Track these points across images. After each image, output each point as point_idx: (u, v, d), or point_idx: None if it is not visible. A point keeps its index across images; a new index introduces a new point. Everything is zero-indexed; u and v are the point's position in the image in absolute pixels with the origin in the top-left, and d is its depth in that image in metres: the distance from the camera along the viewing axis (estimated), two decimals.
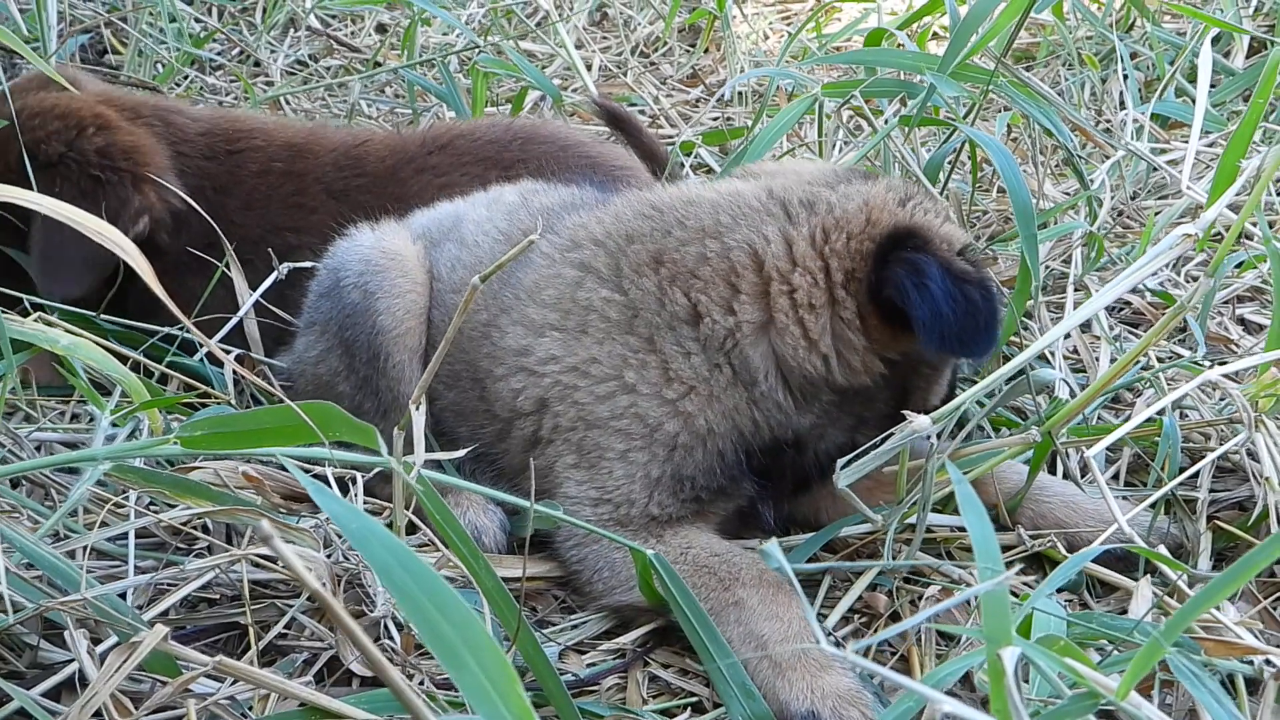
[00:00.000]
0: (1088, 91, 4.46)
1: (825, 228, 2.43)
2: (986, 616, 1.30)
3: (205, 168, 3.39)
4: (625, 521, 2.40)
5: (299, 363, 2.88)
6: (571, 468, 2.46)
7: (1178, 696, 2.03)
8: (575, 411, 2.46)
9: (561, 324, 2.51)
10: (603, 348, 2.46)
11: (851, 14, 5.57)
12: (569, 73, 4.87)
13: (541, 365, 2.51)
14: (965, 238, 2.52)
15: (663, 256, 2.48)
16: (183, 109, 3.55)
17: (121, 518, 2.39)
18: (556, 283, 2.55)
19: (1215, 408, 2.75)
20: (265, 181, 3.42)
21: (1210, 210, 2.23)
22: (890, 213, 2.44)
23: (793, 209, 2.48)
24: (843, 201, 2.47)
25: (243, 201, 3.36)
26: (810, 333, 2.40)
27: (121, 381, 2.23)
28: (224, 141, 3.45)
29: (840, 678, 2.09)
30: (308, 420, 1.75)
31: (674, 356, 2.42)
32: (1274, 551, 1.41)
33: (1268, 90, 2.41)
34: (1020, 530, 2.50)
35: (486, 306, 2.65)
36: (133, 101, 3.47)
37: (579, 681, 2.23)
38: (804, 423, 2.46)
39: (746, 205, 2.51)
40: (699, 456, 2.42)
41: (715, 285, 2.43)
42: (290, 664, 2.23)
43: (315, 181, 3.43)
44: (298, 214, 3.37)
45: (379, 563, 1.24)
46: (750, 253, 2.44)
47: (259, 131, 3.52)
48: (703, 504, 2.45)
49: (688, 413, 2.41)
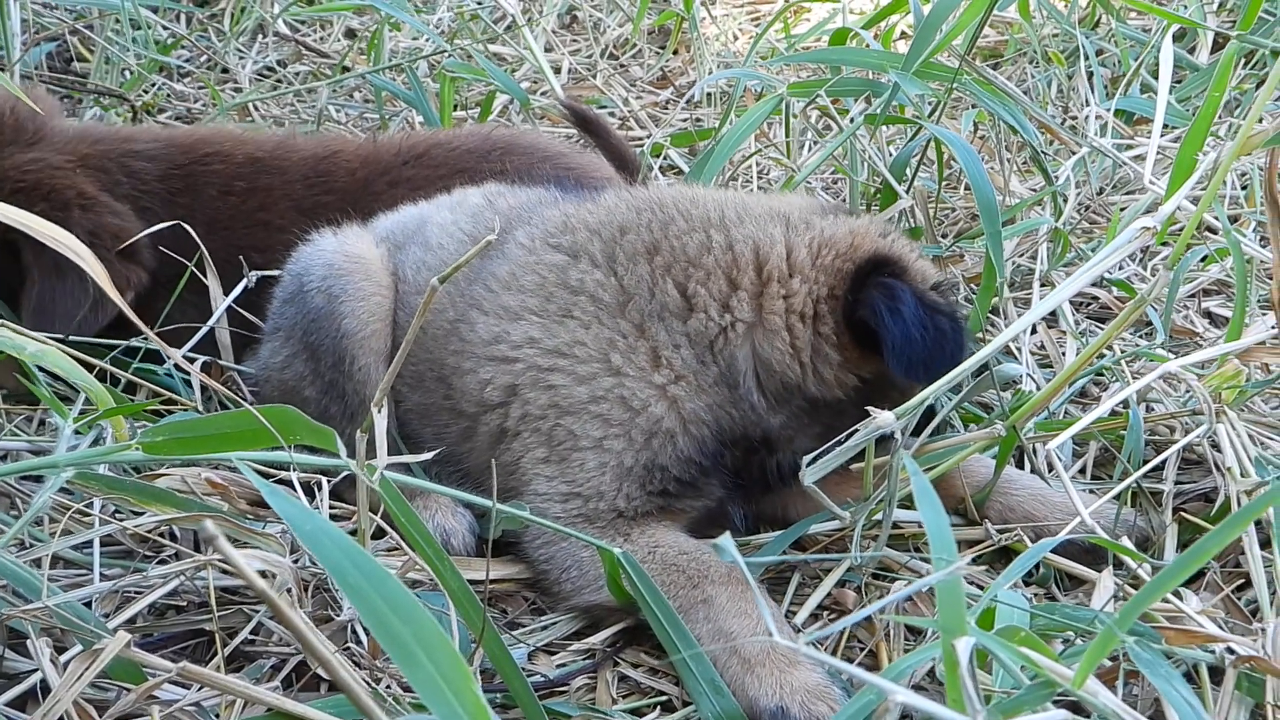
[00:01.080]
0: (1054, 88, 4.48)
1: (820, 243, 2.49)
2: (941, 607, 1.31)
3: (169, 204, 3.30)
4: (593, 517, 2.41)
5: (265, 369, 2.87)
6: (541, 462, 2.46)
7: (1143, 687, 2.04)
8: (548, 397, 2.46)
9: (542, 308, 2.52)
10: (589, 331, 2.47)
11: (820, 14, 5.59)
12: (539, 75, 4.86)
13: (515, 350, 2.51)
14: (939, 275, 2.62)
15: (659, 246, 2.51)
16: (140, 147, 3.41)
17: (86, 525, 2.38)
18: (538, 269, 2.56)
19: (1180, 400, 2.77)
20: (227, 203, 3.34)
21: (1168, 204, 2.24)
22: (872, 240, 2.52)
23: (794, 221, 2.54)
24: (832, 226, 2.55)
25: (205, 227, 3.22)
26: (796, 340, 2.45)
27: (86, 388, 2.22)
28: (181, 178, 3.35)
29: (809, 673, 2.10)
30: (268, 425, 1.75)
31: (665, 345, 2.45)
32: (1227, 536, 1.42)
33: (1223, 85, 2.42)
34: (988, 524, 2.51)
35: (454, 304, 2.65)
36: (99, 152, 3.35)
37: (548, 682, 2.23)
38: (774, 423, 2.48)
39: (750, 210, 2.58)
40: (680, 443, 2.43)
41: (716, 278, 2.47)
42: (258, 669, 2.22)
43: (283, 198, 3.36)
44: (262, 233, 3.29)
45: (333, 564, 1.24)
46: (754, 249, 2.49)
47: (216, 155, 3.42)
48: (670, 499, 2.46)
49: (676, 397, 2.43)
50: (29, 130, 3.32)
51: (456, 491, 2.16)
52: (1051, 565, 2.40)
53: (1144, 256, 3.60)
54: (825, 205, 2.74)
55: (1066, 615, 1.96)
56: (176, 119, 4.99)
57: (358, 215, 3.10)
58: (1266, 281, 3.35)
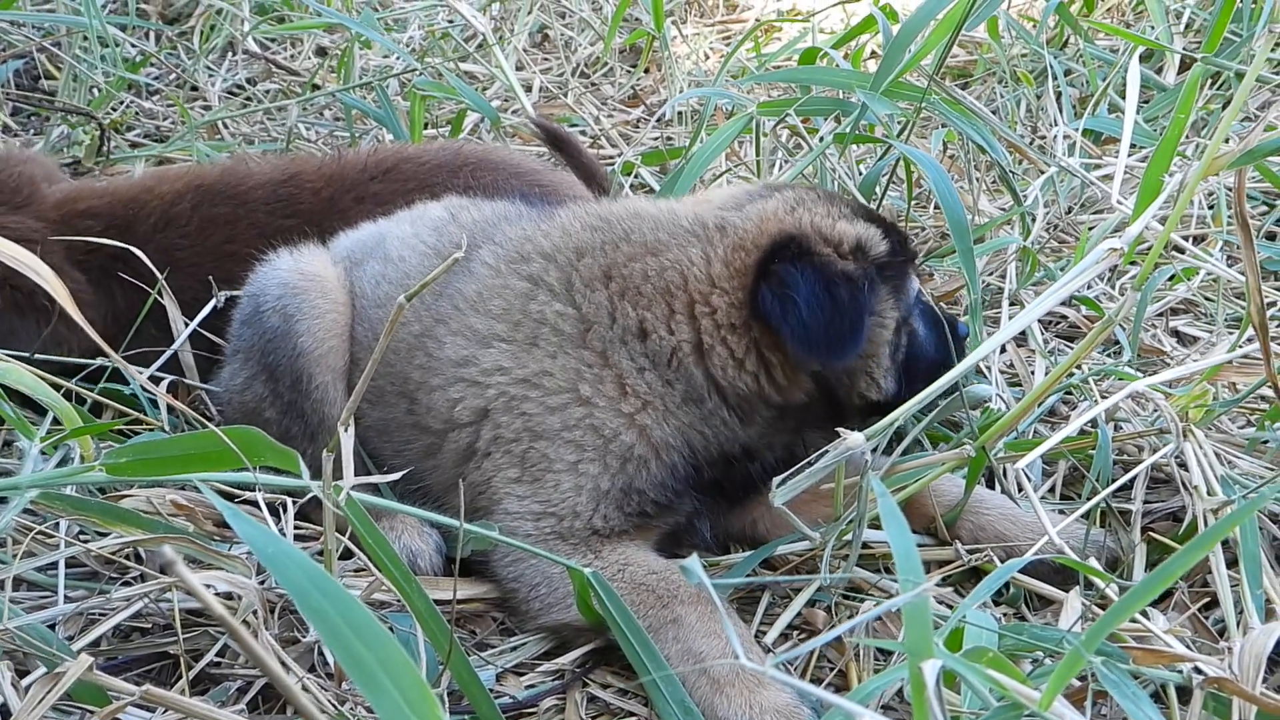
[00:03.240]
0: (1023, 108, 4.50)
1: (732, 245, 2.48)
2: (908, 629, 1.30)
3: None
4: (567, 535, 2.40)
5: (226, 391, 2.84)
6: (512, 482, 2.45)
7: (1112, 707, 2.04)
8: (521, 422, 2.45)
9: (510, 335, 2.50)
10: (555, 361, 2.46)
11: (791, 33, 5.62)
12: (510, 94, 4.86)
13: (486, 376, 2.49)
14: (859, 233, 2.52)
15: (612, 271, 2.50)
16: (89, 206, 3.37)
17: (51, 547, 2.36)
18: (505, 293, 2.54)
19: (1148, 420, 2.78)
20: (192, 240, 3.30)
21: (1135, 224, 2.25)
22: (774, 224, 2.49)
23: (711, 229, 2.52)
24: (743, 221, 2.52)
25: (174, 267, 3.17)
26: (735, 352, 2.44)
27: (53, 407, 2.20)
28: (120, 229, 3.27)
29: (778, 694, 2.09)
30: (232, 446, 1.73)
31: (629, 372, 2.44)
32: (1193, 557, 1.42)
33: (1188, 106, 2.43)
34: (958, 545, 2.51)
35: (419, 318, 2.63)
36: (52, 216, 3.32)
37: (517, 704, 2.22)
38: (750, 435, 2.48)
39: (679, 225, 2.55)
40: (652, 469, 2.43)
41: (657, 303, 2.46)
42: (224, 692, 2.20)
43: (249, 227, 3.29)
44: (229, 263, 3.21)
45: (295, 587, 1.23)
46: (680, 272, 2.48)
47: (144, 197, 3.36)
48: (648, 519, 2.46)
49: (644, 425, 2.42)
50: (23, 193, 3.32)
51: (425, 512, 2.15)
52: (1021, 586, 2.41)
53: (1112, 276, 3.62)
54: (750, 192, 2.68)
55: (1035, 635, 1.96)
56: (145, 137, 4.97)
57: (326, 235, 3.06)
58: (1234, 301, 3.38)
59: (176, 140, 4.67)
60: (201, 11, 5.66)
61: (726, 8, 6.31)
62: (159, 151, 4.63)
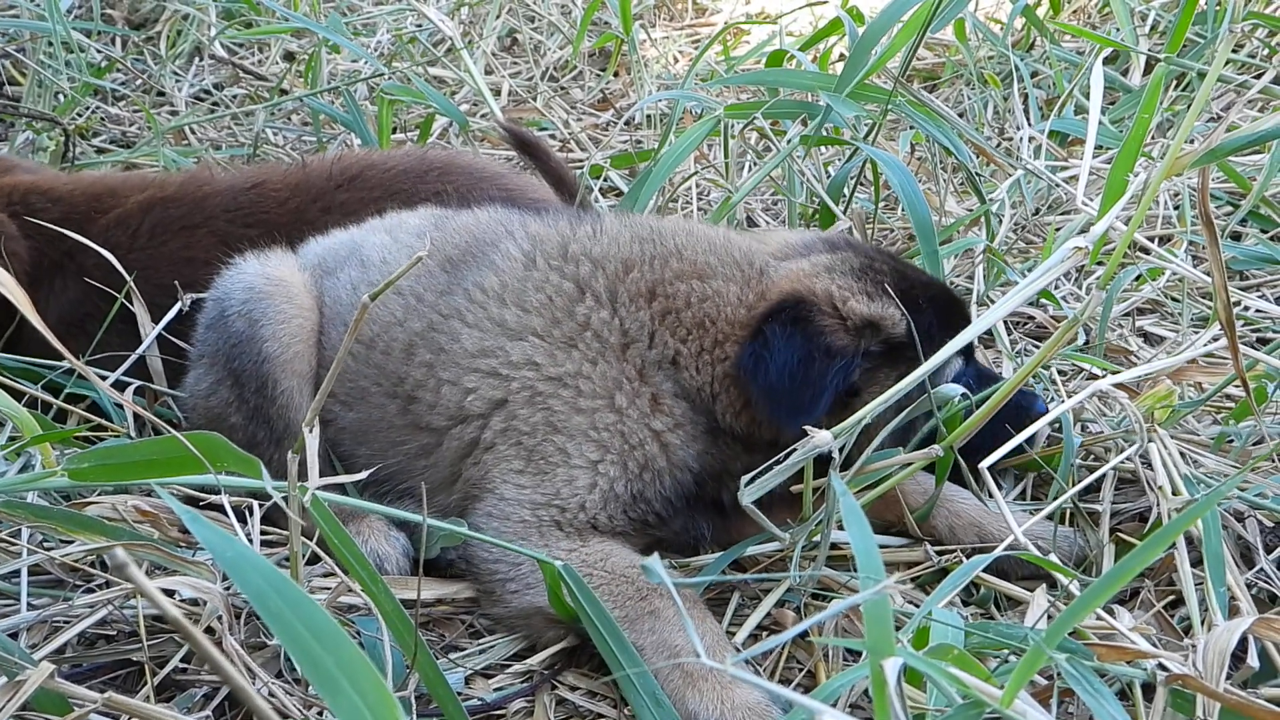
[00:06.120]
0: (990, 110, 4.52)
1: (758, 296, 2.52)
2: (869, 627, 1.31)
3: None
4: (564, 525, 2.42)
5: (192, 396, 2.82)
6: (515, 472, 2.46)
7: (1079, 705, 2.04)
8: (543, 416, 2.47)
9: (547, 331, 2.52)
10: (595, 367, 2.48)
11: (760, 36, 5.63)
12: (479, 98, 4.85)
13: (512, 369, 2.50)
14: (874, 313, 2.48)
15: (657, 289, 2.53)
16: (50, 188, 3.40)
17: (14, 555, 2.34)
18: (546, 289, 2.55)
19: (1114, 421, 2.79)
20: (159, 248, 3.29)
21: (1099, 224, 2.26)
22: (794, 282, 2.51)
23: (752, 271, 2.57)
24: (776, 273, 2.57)
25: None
26: (735, 404, 2.50)
27: (11, 415, 2.18)
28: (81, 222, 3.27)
29: (750, 692, 2.10)
30: (195, 451, 1.72)
31: (665, 394, 2.49)
32: (1154, 551, 1.43)
33: (1152, 106, 2.45)
34: (927, 546, 2.51)
35: (419, 316, 2.62)
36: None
37: (485, 706, 2.21)
38: (757, 461, 2.48)
39: (730, 254, 2.59)
40: (666, 483, 2.47)
41: (692, 337, 2.51)
42: (189, 699, 2.19)
43: (209, 235, 3.28)
44: (186, 269, 3.20)
45: (254, 591, 1.22)
46: (715, 306, 2.52)
47: (105, 198, 3.37)
48: (647, 527, 2.49)
49: (670, 444, 2.47)
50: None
51: (390, 510, 2.14)
52: (991, 587, 2.41)
53: (1079, 276, 3.63)
54: (808, 242, 2.69)
55: (1000, 633, 1.96)
56: (111, 143, 4.94)
57: (294, 244, 3.02)
58: (1199, 300, 3.40)
59: (143, 146, 4.65)
60: (168, 16, 5.64)
61: (695, 11, 6.32)
62: (125, 157, 4.61)
